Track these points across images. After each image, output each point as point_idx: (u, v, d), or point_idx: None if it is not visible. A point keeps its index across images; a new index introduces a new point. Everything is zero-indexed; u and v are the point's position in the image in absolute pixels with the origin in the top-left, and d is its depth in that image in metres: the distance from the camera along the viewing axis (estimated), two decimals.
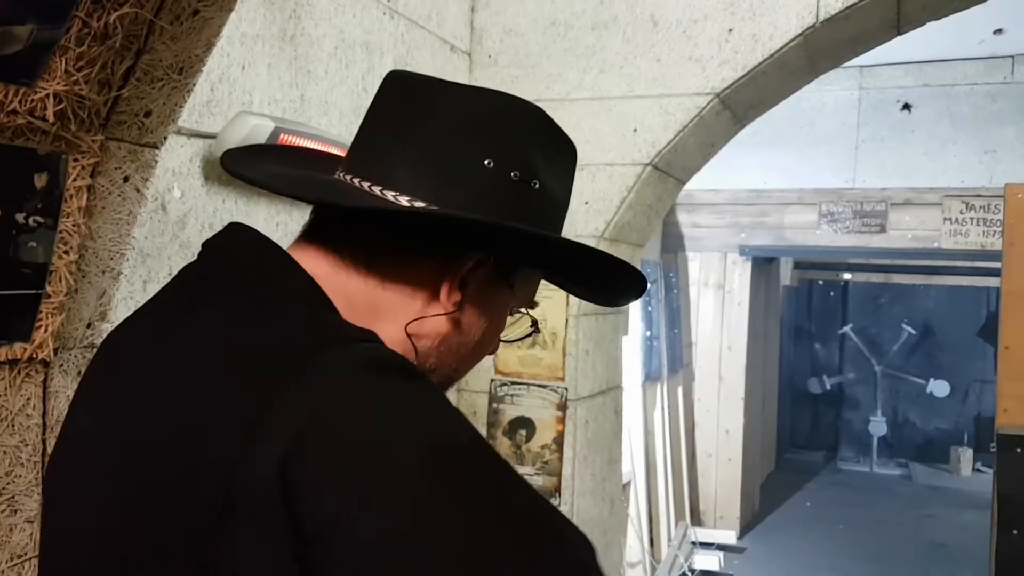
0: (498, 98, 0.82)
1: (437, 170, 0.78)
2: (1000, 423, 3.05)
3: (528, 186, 0.80)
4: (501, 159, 0.79)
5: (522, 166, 0.80)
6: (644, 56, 2.72)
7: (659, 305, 5.69)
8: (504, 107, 0.81)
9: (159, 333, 0.76)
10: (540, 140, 0.83)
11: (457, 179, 0.78)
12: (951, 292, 9.14)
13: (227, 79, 1.90)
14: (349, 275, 0.78)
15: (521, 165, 0.80)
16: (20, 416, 1.34)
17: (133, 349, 0.78)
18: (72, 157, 1.25)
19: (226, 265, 0.79)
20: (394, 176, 0.78)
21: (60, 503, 0.78)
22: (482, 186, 0.78)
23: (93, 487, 0.72)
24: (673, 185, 3.02)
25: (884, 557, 6.12)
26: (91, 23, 1.12)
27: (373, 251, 0.78)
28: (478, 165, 0.78)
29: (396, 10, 2.53)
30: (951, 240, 5.60)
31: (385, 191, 0.78)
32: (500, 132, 0.80)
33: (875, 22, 2.60)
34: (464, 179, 0.78)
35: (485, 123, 0.80)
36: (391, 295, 0.79)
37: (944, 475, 8.85)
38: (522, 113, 0.82)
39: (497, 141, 0.79)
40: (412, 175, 0.78)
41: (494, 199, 0.78)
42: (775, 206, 6.09)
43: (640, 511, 5.07)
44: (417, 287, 0.79)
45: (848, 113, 6.12)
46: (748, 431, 6.47)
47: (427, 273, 0.79)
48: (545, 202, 0.83)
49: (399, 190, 0.78)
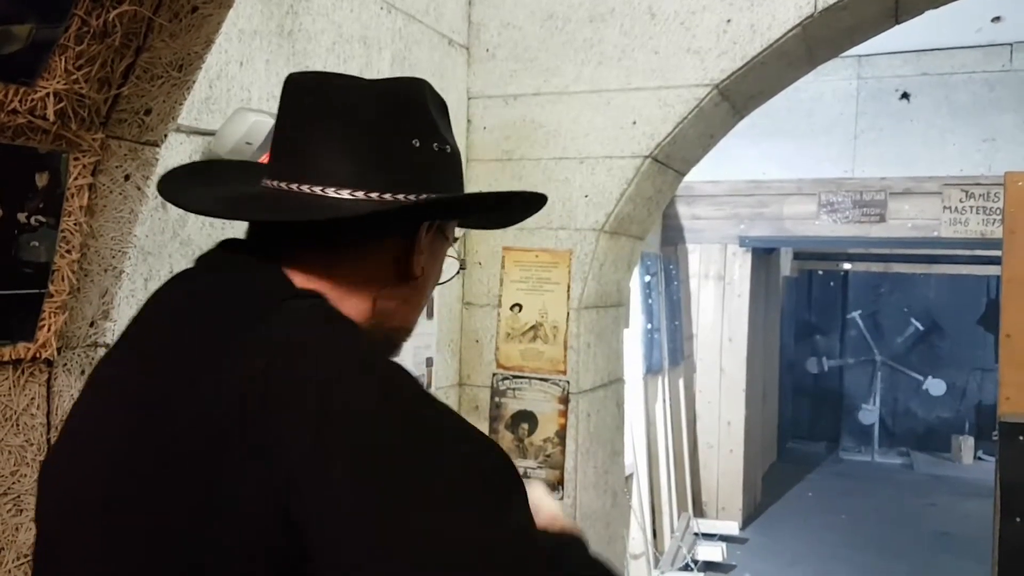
0: (396, 83, 0.89)
1: (375, 158, 0.85)
2: (1002, 411, 3.06)
3: (446, 153, 0.90)
4: (424, 136, 0.87)
5: (438, 137, 0.89)
6: (642, 48, 2.72)
7: (660, 297, 5.69)
8: (407, 88, 0.89)
9: (151, 330, 0.83)
10: (436, 109, 0.91)
11: (397, 163, 0.86)
12: (951, 281, 9.14)
13: (225, 75, 1.90)
14: (320, 276, 0.84)
15: (437, 137, 0.89)
16: (24, 415, 1.34)
17: (127, 348, 0.85)
18: (73, 156, 1.25)
19: (215, 270, 0.86)
20: (332, 171, 0.84)
21: (58, 492, 0.82)
22: (420, 163, 0.87)
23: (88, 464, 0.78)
24: (673, 177, 3.02)
25: (886, 546, 6.13)
26: (90, 21, 1.12)
27: (341, 249, 0.85)
28: (408, 146, 0.86)
29: (394, 4, 2.52)
30: (951, 229, 5.60)
31: (326, 188, 0.83)
32: (413, 112, 0.88)
33: (873, 11, 2.59)
34: (403, 161, 0.86)
35: (399, 107, 0.87)
36: (361, 279, 0.86)
37: (946, 464, 8.86)
38: (420, 90, 0.89)
39: (414, 121, 0.87)
40: (350, 168, 0.84)
41: (432, 172, 0.88)
42: (774, 197, 6.08)
43: (643, 503, 5.08)
44: (381, 265, 0.87)
45: (847, 103, 6.11)
46: (749, 422, 6.48)
47: (387, 251, 0.87)
48: (454, 160, 0.92)
49: (340, 184, 0.83)
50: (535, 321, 2.85)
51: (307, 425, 0.66)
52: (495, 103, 2.92)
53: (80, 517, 0.77)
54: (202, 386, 0.71)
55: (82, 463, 0.79)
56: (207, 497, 0.67)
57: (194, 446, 0.69)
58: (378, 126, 0.85)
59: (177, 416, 0.71)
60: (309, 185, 0.84)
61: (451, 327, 2.93)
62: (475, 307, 2.97)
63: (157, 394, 0.74)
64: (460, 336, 2.98)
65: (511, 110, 2.90)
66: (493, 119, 2.92)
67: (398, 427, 0.69)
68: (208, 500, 0.67)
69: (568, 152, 2.81)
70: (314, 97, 0.87)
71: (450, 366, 2.94)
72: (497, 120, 2.92)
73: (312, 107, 0.86)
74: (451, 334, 2.94)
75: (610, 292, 3.03)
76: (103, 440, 0.77)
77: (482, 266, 2.94)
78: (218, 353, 0.72)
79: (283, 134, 0.89)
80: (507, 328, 2.89)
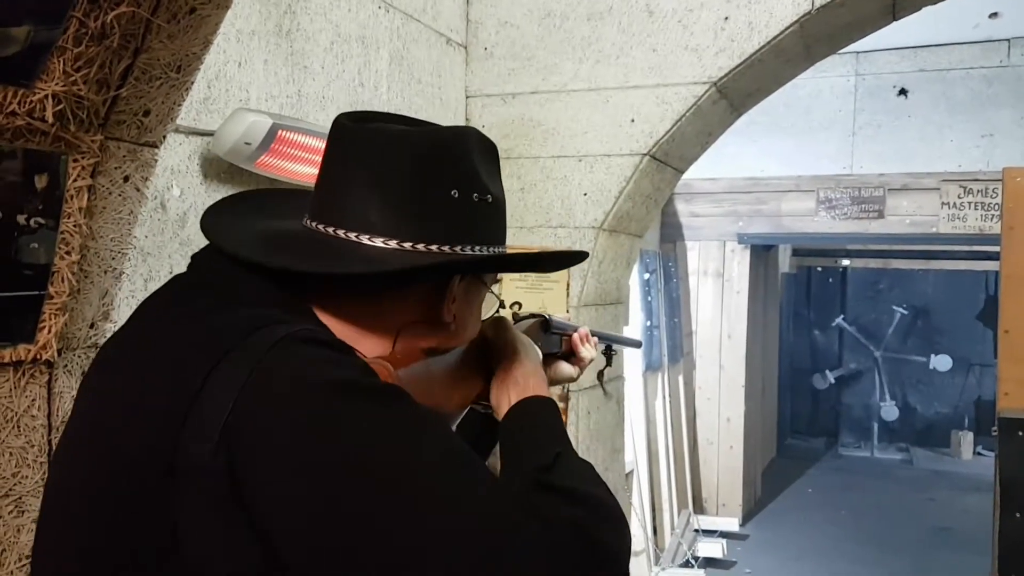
0: (440, 131, 0.90)
1: (411, 208, 0.86)
2: (1001, 407, 3.06)
3: (487, 203, 0.90)
4: (463, 186, 0.87)
5: (479, 187, 0.89)
6: (640, 46, 2.72)
7: (659, 295, 5.69)
8: (451, 137, 0.89)
9: (139, 332, 0.86)
10: (481, 158, 0.91)
11: (433, 213, 0.86)
12: (950, 276, 9.14)
13: (224, 76, 1.90)
14: (343, 311, 0.87)
15: (478, 187, 0.89)
16: (25, 417, 1.34)
17: (117, 347, 0.88)
18: (72, 157, 1.25)
19: (206, 275, 0.88)
20: (370, 221, 0.85)
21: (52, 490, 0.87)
22: (456, 215, 0.87)
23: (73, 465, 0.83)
24: (671, 175, 3.02)
25: (887, 542, 6.14)
26: (88, 23, 1.12)
27: (368, 295, 0.87)
28: (447, 197, 0.86)
29: (391, 4, 2.52)
30: (949, 225, 5.60)
31: (361, 236, 0.85)
32: (454, 161, 0.88)
33: (871, 8, 2.60)
34: (440, 212, 0.86)
35: (440, 156, 0.87)
36: (387, 320, 0.88)
37: (945, 459, 8.87)
38: (465, 139, 0.90)
39: (455, 171, 0.87)
40: (388, 218, 0.85)
41: (468, 223, 0.88)
42: (773, 194, 6.08)
43: (643, 500, 5.09)
44: (410, 311, 0.89)
45: (845, 99, 6.11)
46: (749, 418, 6.48)
47: (418, 298, 0.89)
48: (496, 210, 0.92)
49: (375, 233, 0.85)
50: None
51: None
52: (493, 101, 2.92)
53: (50, 513, 0.83)
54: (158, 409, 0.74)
55: (60, 464, 0.86)
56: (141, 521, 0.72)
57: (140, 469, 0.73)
58: (416, 175, 0.86)
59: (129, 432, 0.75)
60: (346, 231, 0.85)
61: None
62: None
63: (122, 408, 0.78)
64: None
65: (509, 108, 2.90)
66: (492, 117, 2.92)
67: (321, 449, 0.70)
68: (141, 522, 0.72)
69: (567, 150, 2.81)
70: (357, 141, 0.88)
71: None
72: (496, 118, 2.92)
73: (354, 151, 0.87)
74: None
75: (609, 290, 3.03)
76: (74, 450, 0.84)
77: None
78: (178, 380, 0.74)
79: (326, 174, 0.90)
80: None
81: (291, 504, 0.68)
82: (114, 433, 0.77)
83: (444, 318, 0.90)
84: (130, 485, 0.73)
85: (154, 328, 0.84)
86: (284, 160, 1.92)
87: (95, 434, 0.80)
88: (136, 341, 0.84)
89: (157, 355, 0.79)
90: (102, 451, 0.78)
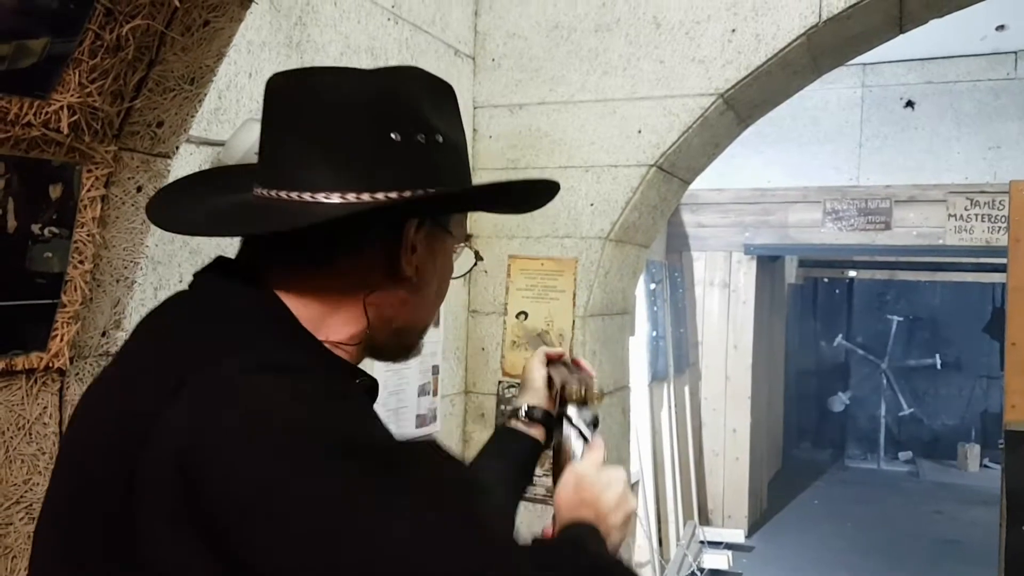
0: (378, 74, 0.87)
1: (353, 159, 0.82)
2: (1008, 419, 3.05)
3: (435, 143, 0.85)
4: (404, 129, 0.83)
5: (424, 128, 0.85)
6: (647, 58, 2.73)
7: (665, 305, 5.70)
8: (387, 79, 0.86)
9: (132, 348, 0.87)
10: (428, 98, 0.87)
11: (376, 160, 0.83)
12: (956, 288, 9.12)
13: (234, 87, 1.92)
14: (306, 286, 0.83)
15: (423, 127, 0.84)
16: (37, 425, 1.35)
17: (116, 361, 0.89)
18: (86, 168, 1.27)
19: (200, 292, 0.87)
20: (314, 179, 0.82)
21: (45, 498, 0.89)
22: (403, 159, 0.83)
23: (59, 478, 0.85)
24: (678, 186, 3.03)
25: (893, 554, 6.11)
26: (104, 36, 1.13)
27: (322, 256, 0.84)
28: (387, 141, 0.82)
29: (400, 15, 2.54)
30: (956, 237, 5.59)
31: (313, 194, 0.82)
32: (393, 105, 0.84)
33: (878, 20, 2.61)
34: (384, 158, 0.83)
35: (377, 101, 0.84)
36: (350, 283, 0.85)
37: (952, 471, 8.84)
38: (404, 80, 0.87)
39: (394, 114, 0.84)
40: (331, 172, 0.82)
41: (418, 167, 0.84)
42: (779, 204, 6.09)
43: (648, 511, 5.08)
44: (370, 268, 0.85)
45: (851, 111, 6.12)
46: (755, 430, 6.47)
47: (375, 253, 0.85)
48: (449, 150, 0.88)
49: (324, 189, 0.82)
50: (541, 329, 2.85)
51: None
52: (501, 112, 2.94)
53: (42, 521, 0.85)
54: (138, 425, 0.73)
55: (58, 473, 0.86)
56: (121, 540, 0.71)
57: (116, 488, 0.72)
58: (354, 124, 0.82)
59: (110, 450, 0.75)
60: (296, 192, 0.82)
61: (457, 335, 2.94)
62: (481, 315, 2.98)
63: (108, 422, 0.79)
64: (466, 344, 2.99)
65: (517, 119, 2.91)
66: (499, 128, 2.94)
67: None
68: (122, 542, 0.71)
69: (574, 161, 2.82)
70: (292, 98, 0.85)
71: (456, 374, 2.95)
72: (503, 129, 2.93)
73: (290, 109, 0.85)
74: (457, 342, 2.95)
75: (615, 300, 3.04)
76: (68, 458, 0.85)
77: (488, 274, 2.95)
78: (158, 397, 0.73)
79: (266, 137, 0.87)
80: (513, 336, 2.90)
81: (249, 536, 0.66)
82: (87, 448, 0.80)
83: (404, 271, 0.85)
84: (97, 499, 0.74)
85: (133, 344, 0.87)
86: None
87: (72, 447, 0.84)
88: (120, 355, 0.87)
89: (126, 373, 0.82)
90: (75, 464, 0.81)
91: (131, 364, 0.83)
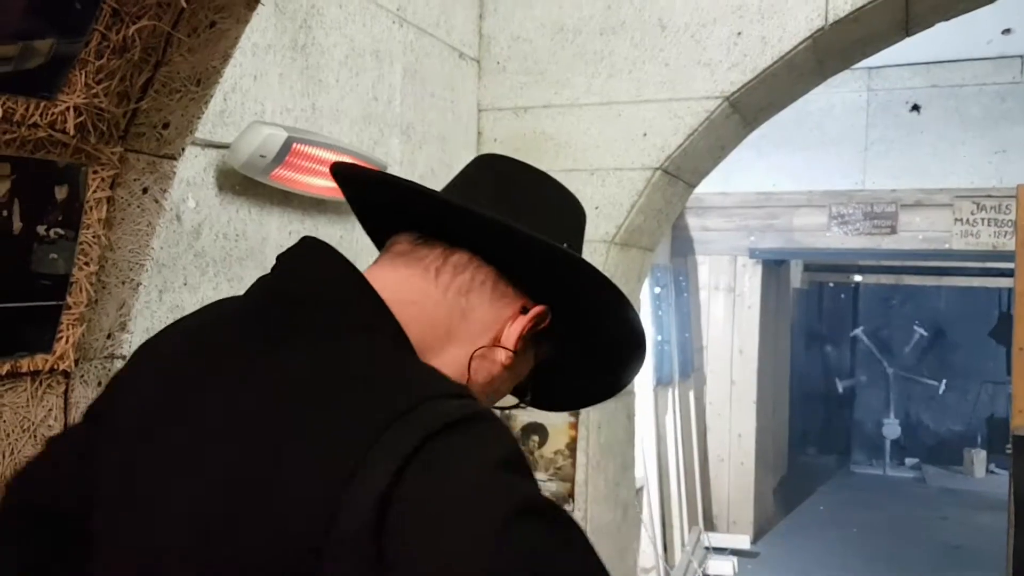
0: (565, 192, 0.97)
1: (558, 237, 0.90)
2: (1015, 424, 3.04)
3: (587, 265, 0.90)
4: (573, 244, 0.93)
5: (579, 251, 0.95)
6: (653, 60, 2.73)
7: (669, 309, 5.69)
8: (571, 200, 0.98)
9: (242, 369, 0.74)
10: (582, 228, 0.99)
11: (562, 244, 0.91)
12: (962, 293, 9.10)
13: (240, 89, 1.92)
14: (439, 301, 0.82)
15: (579, 250, 0.95)
16: (42, 427, 1.35)
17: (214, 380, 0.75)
18: (92, 169, 1.27)
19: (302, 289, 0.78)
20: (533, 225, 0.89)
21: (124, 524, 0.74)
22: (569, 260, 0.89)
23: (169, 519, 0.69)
24: (683, 189, 3.02)
25: (899, 560, 6.08)
26: (110, 36, 1.13)
27: (474, 278, 0.84)
28: (578, 247, 0.95)
29: (405, 18, 2.54)
30: (962, 241, 5.58)
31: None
32: (571, 220, 0.96)
33: (884, 24, 2.60)
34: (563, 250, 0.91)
35: (564, 211, 0.96)
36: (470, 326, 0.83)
37: (958, 477, 8.80)
38: (576, 205, 0.98)
39: (570, 228, 0.95)
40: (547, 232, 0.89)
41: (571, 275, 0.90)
42: (784, 208, 6.08)
43: (653, 516, 5.06)
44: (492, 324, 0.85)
45: (857, 115, 6.11)
46: (760, 435, 6.45)
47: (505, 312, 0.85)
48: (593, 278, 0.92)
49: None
50: None
51: None
52: (505, 115, 2.94)
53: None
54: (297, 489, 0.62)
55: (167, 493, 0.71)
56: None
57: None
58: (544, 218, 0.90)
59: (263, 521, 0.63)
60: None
61: None
62: None
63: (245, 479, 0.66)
64: None
65: (521, 122, 2.91)
66: (503, 131, 2.94)
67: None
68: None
69: (579, 164, 2.82)
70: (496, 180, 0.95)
71: None
72: (507, 132, 2.93)
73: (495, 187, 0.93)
74: None
75: None
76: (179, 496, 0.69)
77: None
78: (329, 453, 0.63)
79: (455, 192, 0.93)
80: None
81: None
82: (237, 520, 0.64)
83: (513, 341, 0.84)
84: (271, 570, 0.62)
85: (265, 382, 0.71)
86: (299, 173, 1.93)
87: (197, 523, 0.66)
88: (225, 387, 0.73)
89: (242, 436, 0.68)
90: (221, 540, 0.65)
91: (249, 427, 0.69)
